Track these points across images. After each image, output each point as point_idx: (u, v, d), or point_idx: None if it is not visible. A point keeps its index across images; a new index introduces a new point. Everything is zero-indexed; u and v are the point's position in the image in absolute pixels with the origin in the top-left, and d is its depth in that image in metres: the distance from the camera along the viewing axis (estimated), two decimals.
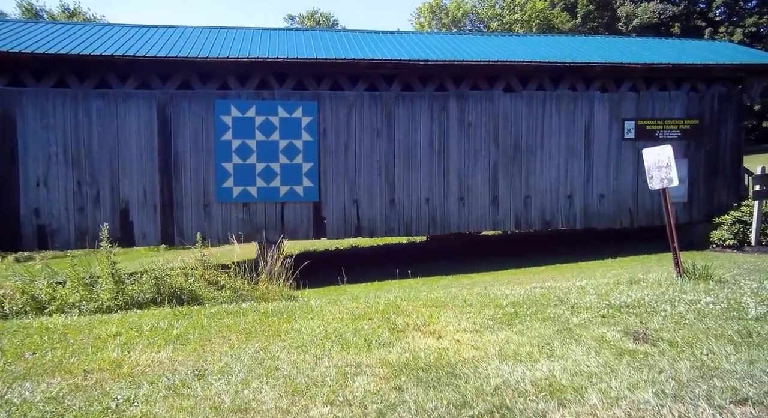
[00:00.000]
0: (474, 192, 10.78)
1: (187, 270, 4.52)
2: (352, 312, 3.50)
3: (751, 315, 3.01)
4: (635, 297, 3.56)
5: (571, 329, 2.83)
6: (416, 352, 2.56)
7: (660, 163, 4.79)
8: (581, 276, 8.81)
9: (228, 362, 2.54)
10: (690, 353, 2.38)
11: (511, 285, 7.65)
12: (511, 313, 3.28)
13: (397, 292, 5.10)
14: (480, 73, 10.68)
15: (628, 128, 11.27)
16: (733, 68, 11.31)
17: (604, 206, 11.27)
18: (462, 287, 8.66)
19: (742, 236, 10.61)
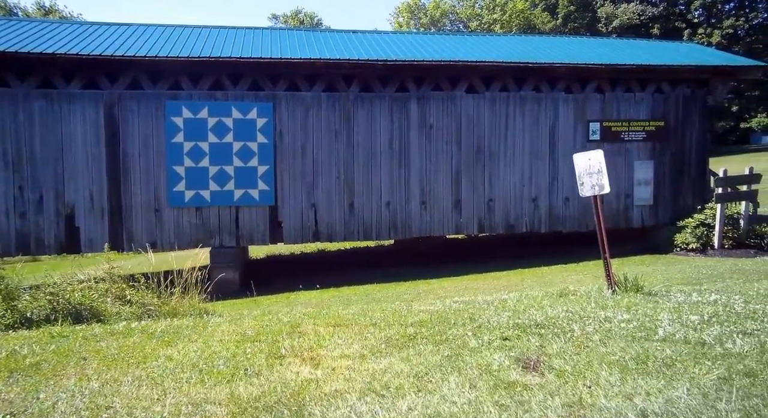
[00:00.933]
0: (436, 195, 10.55)
1: (91, 284, 4.21)
2: (244, 333, 3.23)
3: (659, 336, 2.80)
4: (550, 315, 3.33)
5: (463, 354, 2.59)
6: (278, 384, 2.31)
7: (591, 168, 4.58)
8: (535, 283, 8.62)
9: (57, 401, 2.26)
10: (573, 386, 2.15)
11: (455, 293, 7.44)
12: (411, 334, 3.03)
13: (315, 306, 4.83)
14: (442, 73, 10.45)
15: (593, 130, 11.11)
16: (697, 70, 11.21)
17: (570, 209, 11.11)
18: (416, 294, 8.43)
19: (706, 239, 10.50)
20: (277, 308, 7.95)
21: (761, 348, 2.51)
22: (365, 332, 3.10)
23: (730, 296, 4.03)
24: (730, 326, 2.93)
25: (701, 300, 3.80)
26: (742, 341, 2.62)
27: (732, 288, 4.54)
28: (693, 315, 3.19)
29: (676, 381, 2.14)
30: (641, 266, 9.61)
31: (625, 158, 11.30)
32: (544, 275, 9.43)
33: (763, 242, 10.34)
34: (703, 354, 2.45)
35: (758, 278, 7.83)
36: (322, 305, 8.06)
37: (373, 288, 9.14)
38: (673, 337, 2.76)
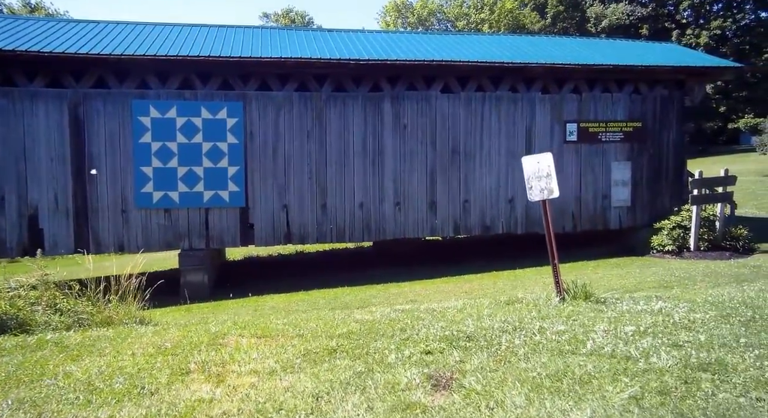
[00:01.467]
0: (411, 197, 10.42)
1: (20, 292, 4.03)
2: (162, 345, 3.08)
3: (587, 349, 2.67)
4: (484, 325, 3.20)
5: (375, 371, 2.45)
6: (166, 405, 2.16)
7: (540, 172, 4.45)
8: (507, 286, 8.50)
9: None
10: (475, 408, 2.02)
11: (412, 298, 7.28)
12: (332, 347, 2.89)
13: (248, 316, 4.66)
14: (416, 73, 10.31)
15: (570, 130, 11.01)
16: (673, 70, 11.13)
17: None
18: (385, 298, 8.29)
19: (682, 241, 10.43)
20: (238, 311, 7.80)
21: (685, 363, 2.38)
22: (288, 345, 2.95)
23: (678, 303, 3.91)
24: (662, 338, 2.80)
25: (646, 309, 3.68)
26: (669, 354, 2.49)
27: (681, 296, 4.41)
28: (629, 326, 3.07)
29: (584, 402, 2.01)
30: (616, 269, 9.52)
31: (603, 159, 11.21)
32: (518, 277, 9.31)
33: (738, 244, 10.29)
34: (624, 370, 2.33)
35: (727, 282, 7.75)
36: (288, 309, 7.91)
37: (344, 291, 9.00)
38: (600, 350, 2.63)
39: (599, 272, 9.35)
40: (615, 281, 8.51)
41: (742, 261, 9.50)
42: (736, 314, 3.43)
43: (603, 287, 8.23)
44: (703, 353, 2.51)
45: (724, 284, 7.68)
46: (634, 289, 8.00)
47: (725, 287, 6.59)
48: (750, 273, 8.32)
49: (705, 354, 2.49)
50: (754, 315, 3.48)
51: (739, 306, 3.73)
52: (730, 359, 2.40)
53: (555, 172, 4.50)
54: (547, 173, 4.39)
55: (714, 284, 7.78)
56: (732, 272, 8.54)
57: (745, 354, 2.47)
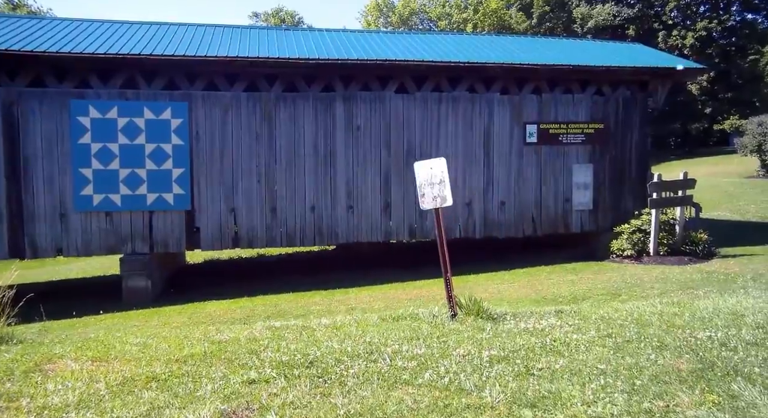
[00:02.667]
0: (364, 200, 10.14)
1: None
2: None
3: (423, 379, 2.39)
4: (336, 348, 2.92)
5: (172, 406, 2.18)
6: None
7: (433, 179, 4.18)
8: (455, 293, 8.22)
9: None
10: None
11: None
12: (154, 375, 2.61)
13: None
14: (370, 72, 10.04)
15: (530, 132, 10.76)
16: (636, 71, 10.90)
17: (505, 214, 10.75)
18: (327, 305, 8.01)
19: (642, 245, 10.20)
20: (168, 320, 7.50)
21: (517, 397, 2.13)
22: (116, 370, 2.68)
23: (569, 319, 3.65)
24: (519, 365, 2.55)
25: (530, 327, 3.42)
26: (507, 387, 2.24)
27: (583, 311, 4.12)
28: (494, 350, 2.81)
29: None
30: (570, 274, 9.28)
31: (564, 161, 10.96)
32: (469, 284, 9.05)
33: (698, 249, 10.06)
34: (444, 406, 2.07)
35: (675, 289, 7.51)
36: (221, 318, 7.62)
37: (288, 298, 8.71)
38: (437, 381, 2.36)
39: (552, 277, 9.11)
40: (564, 288, 8.28)
41: (698, 266, 9.28)
42: (619, 334, 3.18)
43: (551, 294, 7.99)
44: (546, 384, 2.25)
45: (671, 292, 7.46)
46: (582, 296, 7.76)
47: (655, 298, 6.34)
48: (700, 280, 8.10)
49: (547, 385, 2.23)
50: (634, 335, 3.23)
51: (630, 324, 3.49)
52: (569, 391, 2.15)
53: (449, 178, 4.22)
54: (441, 180, 4.12)
55: (662, 292, 7.55)
56: (684, 278, 8.32)
57: (590, 384, 2.22)
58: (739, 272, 8.68)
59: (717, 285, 7.52)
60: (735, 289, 6.83)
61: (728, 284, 7.52)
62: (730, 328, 3.40)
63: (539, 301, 7.68)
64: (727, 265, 9.31)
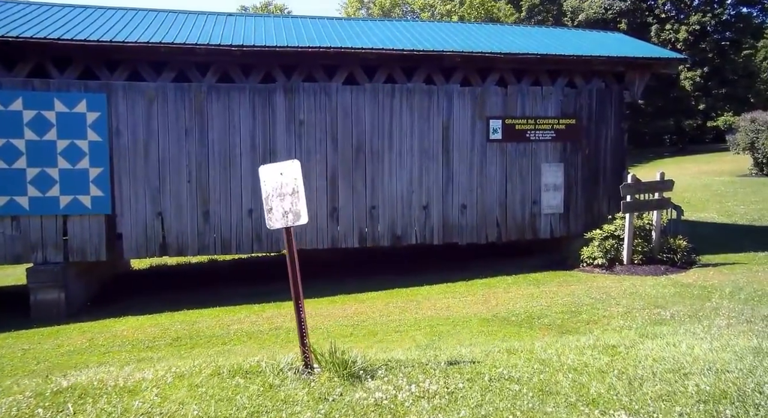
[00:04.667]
0: (308, 202, 9.14)
1: None
2: None
3: None
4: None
5: None
6: None
7: (284, 188, 3.22)
8: (398, 308, 7.30)
9: None
10: None
11: None
12: None
13: None
14: (315, 61, 9.05)
15: (494, 128, 9.80)
16: (611, 61, 9.94)
17: (467, 218, 9.80)
18: (251, 323, 7.06)
19: (615, 253, 9.26)
20: (61, 342, 6.56)
21: None
22: None
23: (452, 381, 2.70)
24: None
25: (386, 399, 2.48)
26: None
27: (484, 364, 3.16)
28: None
29: None
30: (533, 286, 8.34)
31: (531, 160, 10.01)
32: (417, 298, 8.10)
33: (676, 257, 9.14)
34: None
35: (643, 307, 6.57)
36: (124, 338, 6.68)
37: (213, 314, 7.76)
38: None
39: (512, 290, 8.17)
40: (521, 304, 7.35)
41: (674, 277, 8.35)
42: (470, 398, 2.26)
43: (505, 311, 7.05)
44: None
45: (636, 311, 6.53)
46: (538, 315, 6.83)
47: (603, 328, 5.42)
48: (673, 295, 7.16)
49: None
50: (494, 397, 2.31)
51: (528, 391, 2.56)
52: None
53: (303, 188, 3.25)
54: (294, 189, 3.16)
55: (626, 311, 6.62)
56: (655, 292, 7.39)
57: None
58: (718, 284, 7.76)
59: (689, 303, 6.59)
60: (706, 311, 5.90)
61: (701, 302, 6.59)
62: (663, 400, 2.48)
63: (489, 320, 6.75)
64: (706, 276, 8.39)
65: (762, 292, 7.18)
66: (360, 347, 6.10)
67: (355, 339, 6.35)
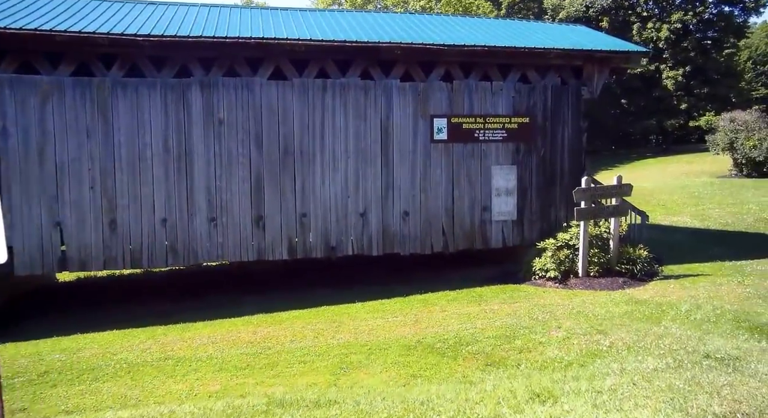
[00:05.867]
0: (230, 210, 8.27)
1: None
2: None
3: None
4: None
5: None
6: None
7: None
8: (310, 333, 6.39)
9: None
10: None
11: None
12: None
13: None
14: (236, 53, 8.15)
15: (438, 127, 8.95)
16: (566, 54, 9.12)
17: (410, 226, 8.93)
18: (141, 350, 6.15)
19: (571, 264, 8.44)
20: None
21: None
22: None
23: None
24: None
25: None
26: None
27: None
28: None
29: None
30: (473, 304, 7.48)
31: (481, 162, 9.17)
32: (342, 318, 7.20)
33: (635, 268, 8.33)
34: None
35: (586, 331, 5.72)
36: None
37: (104, 339, 6.83)
38: None
39: (449, 308, 7.31)
40: (454, 326, 6.49)
41: (630, 292, 7.54)
42: None
43: (433, 336, 6.16)
44: None
45: (574, 337, 5.69)
46: (468, 340, 5.97)
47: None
48: (622, 315, 6.34)
49: None
50: None
51: None
52: None
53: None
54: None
55: (566, 336, 5.78)
56: (604, 312, 6.56)
57: None
58: (676, 301, 6.96)
59: (635, 327, 5.76)
60: (648, 340, 5.06)
61: (649, 326, 5.75)
62: None
63: (411, 347, 5.89)
64: (666, 290, 7.59)
65: (721, 310, 6.39)
66: (249, 383, 5.22)
67: (250, 372, 5.47)
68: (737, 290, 7.36)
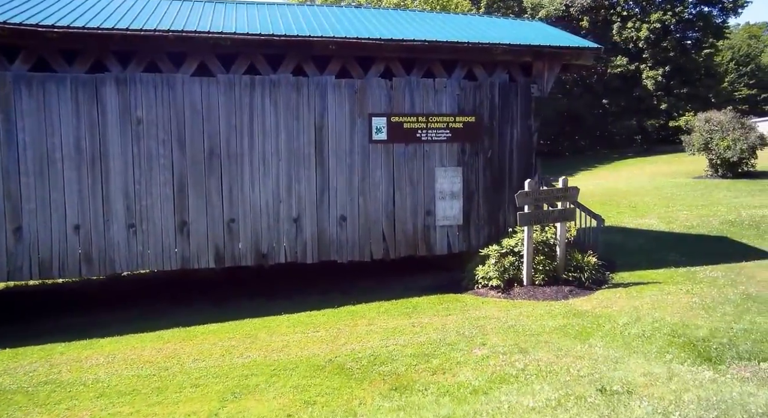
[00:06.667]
0: (151, 216, 7.70)
1: None
2: None
3: None
4: None
5: None
6: None
7: None
8: (221, 349, 5.82)
9: None
10: None
11: None
12: None
13: None
14: (155, 48, 7.58)
15: (377, 127, 8.44)
16: (515, 50, 8.64)
17: (347, 232, 8.41)
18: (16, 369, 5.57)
19: (516, 272, 7.97)
20: None
21: None
22: None
23: None
24: None
25: None
26: None
27: None
28: None
29: None
30: (402, 318, 6.97)
31: (424, 164, 8.68)
32: (260, 333, 6.69)
33: (583, 276, 7.89)
34: None
35: (508, 350, 5.22)
36: None
37: (29, 352, 6.24)
38: None
39: (377, 322, 6.81)
40: (375, 342, 5.99)
41: (572, 303, 7.09)
42: None
43: (347, 353, 5.65)
44: None
45: (494, 357, 5.21)
46: (384, 359, 5.46)
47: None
48: (552, 331, 5.87)
49: None
50: None
51: None
52: None
53: None
54: None
55: (486, 355, 5.31)
56: (537, 326, 6.09)
57: None
58: (617, 312, 6.52)
59: (558, 346, 5.28)
60: (564, 363, 4.59)
61: (574, 344, 5.28)
62: None
63: (320, 367, 5.38)
64: (611, 300, 7.14)
65: (660, 323, 5.95)
66: (124, 412, 4.68)
67: (132, 398, 4.92)
68: (684, 300, 6.93)
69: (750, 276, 7.96)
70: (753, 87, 48.38)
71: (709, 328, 5.79)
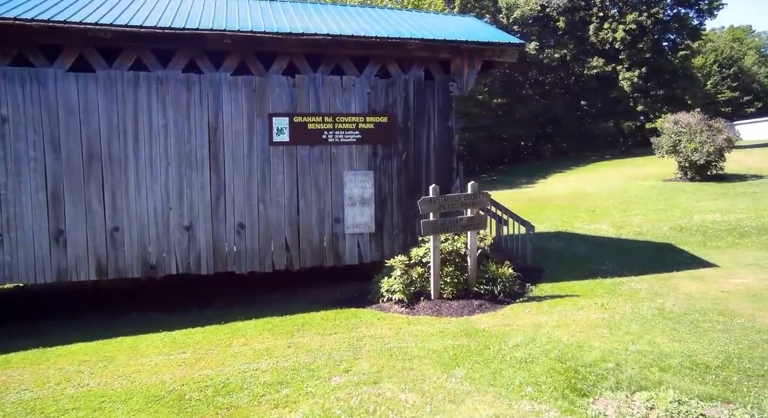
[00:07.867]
0: (21, 225, 7.02)
1: None
2: None
3: None
4: None
5: None
6: None
7: None
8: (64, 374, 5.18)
9: None
10: None
11: None
12: None
13: None
14: (24, 40, 6.93)
15: (278, 127, 7.82)
16: (431, 46, 8.05)
17: (246, 241, 7.78)
18: None
19: (424, 284, 7.36)
20: None
21: None
22: None
23: None
24: None
25: None
26: None
27: None
28: None
29: None
30: (284, 337, 6.33)
31: (331, 168, 8.07)
32: (120, 354, 6.03)
33: (496, 289, 7.30)
34: None
35: (358, 383, 4.59)
36: None
37: None
38: None
39: (254, 341, 6.17)
40: (235, 367, 5.35)
41: (476, 319, 6.49)
42: None
43: (199, 380, 5.01)
44: None
45: (344, 389, 4.59)
46: (233, 388, 4.82)
47: None
48: (434, 353, 5.29)
49: None
50: None
51: None
52: None
53: None
54: None
55: (339, 386, 4.69)
56: (422, 348, 5.52)
57: None
58: (515, 330, 5.94)
59: (418, 375, 4.67)
60: (411, 400, 3.98)
61: (439, 373, 4.67)
62: None
63: (157, 399, 4.75)
64: (517, 316, 6.56)
65: (552, 345, 5.37)
66: None
67: None
68: (593, 316, 6.36)
69: (674, 288, 7.40)
70: (736, 90, 48.30)
71: (602, 350, 5.21)
